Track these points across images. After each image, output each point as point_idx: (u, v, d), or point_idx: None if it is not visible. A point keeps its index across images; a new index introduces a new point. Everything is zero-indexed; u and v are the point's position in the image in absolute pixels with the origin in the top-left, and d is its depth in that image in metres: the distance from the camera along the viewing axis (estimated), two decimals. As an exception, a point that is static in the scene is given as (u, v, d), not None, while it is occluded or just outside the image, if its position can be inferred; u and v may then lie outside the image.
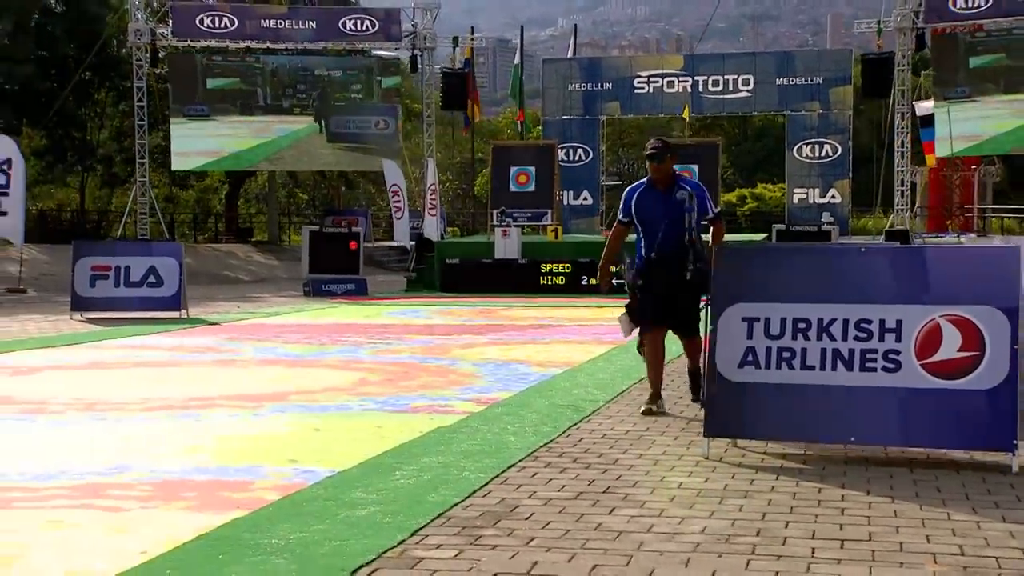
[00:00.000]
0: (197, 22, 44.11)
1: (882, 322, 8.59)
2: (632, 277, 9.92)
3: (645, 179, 10.02)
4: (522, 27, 56.92)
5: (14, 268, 33.32)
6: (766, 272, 9.87)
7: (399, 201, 40.68)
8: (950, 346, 8.33)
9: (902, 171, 40.21)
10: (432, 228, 37.40)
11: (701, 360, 9.75)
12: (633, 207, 9.72)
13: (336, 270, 32.12)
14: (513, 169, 34.85)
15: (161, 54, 43.46)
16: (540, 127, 49.41)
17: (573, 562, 6.32)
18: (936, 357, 8.35)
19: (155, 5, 45.67)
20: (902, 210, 39.71)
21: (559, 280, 30.85)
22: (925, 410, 8.54)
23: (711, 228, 10.32)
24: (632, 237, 12.40)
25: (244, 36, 43.93)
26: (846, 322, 8.76)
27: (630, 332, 10.88)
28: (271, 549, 6.77)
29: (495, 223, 33.30)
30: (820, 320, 8.94)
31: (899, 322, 8.53)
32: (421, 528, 7.07)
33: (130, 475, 9.02)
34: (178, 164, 46.34)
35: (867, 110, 43.77)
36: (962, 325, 8.32)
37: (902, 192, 40.25)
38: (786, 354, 9.10)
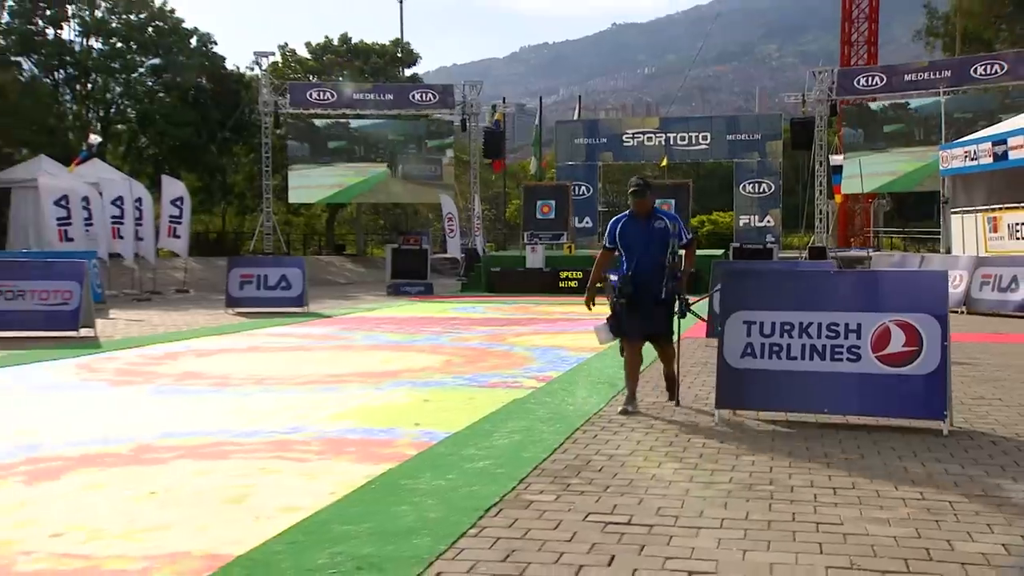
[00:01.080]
0: (307, 95, 44.40)
1: (846, 325, 8.69)
2: (615, 295, 9.15)
3: (627, 211, 9.23)
4: (540, 99, 56.80)
5: (180, 275, 33.38)
6: (761, 289, 9.97)
7: (452, 225, 40.80)
8: (897, 343, 8.44)
9: (820, 203, 40.03)
10: (478, 245, 37.62)
11: (674, 366, 9.61)
12: (617, 235, 9.04)
13: (410, 276, 32.02)
14: (539, 202, 34.80)
15: (280, 119, 43.45)
16: (553, 170, 49.22)
17: (642, 505, 6.38)
18: (887, 351, 8.47)
19: (276, 83, 45.63)
20: (820, 232, 39.52)
21: (573, 284, 30.69)
22: (879, 389, 8.65)
23: (684, 252, 9.44)
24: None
25: (341, 105, 44.11)
26: (820, 325, 8.86)
27: (607, 341, 10.14)
28: (421, 493, 6.87)
29: (526, 242, 33.55)
30: (800, 323, 9.03)
31: (859, 325, 8.66)
32: (524, 478, 7.13)
33: (304, 434, 9.07)
34: (293, 198, 46.58)
35: (793, 157, 43.64)
36: (906, 327, 8.41)
37: (819, 219, 40.05)
38: (775, 348, 9.16)
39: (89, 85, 52.58)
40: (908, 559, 5.12)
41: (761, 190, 42.64)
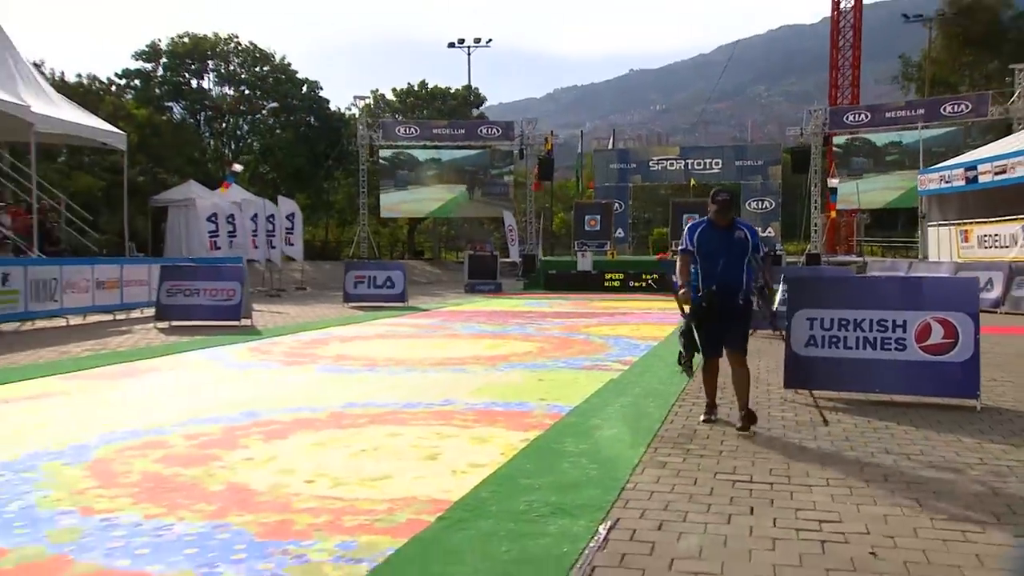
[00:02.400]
0: (395, 131, 44.76)
1: (894, 321, 8.62)
2: (690, 312, 7.42)
3: (705, 219, 7.48)
4: (582, 132, 56.92)
5: (297, 275, 33.88)
6: (821, 291, 9.80)
7: (513, 235, 41.03)
8: (937, 336, 8.39)
9: (815, 217, 39.67)
10: (536, 251, 37.66)
11: (749, 392, 7.50)
12: (696, 241, 7.28)
13: (483, 276, 32.05)
14: (587, 216, 34.75)
15: (374, 150, 43.83)
16: (591, 190, 49.13)
17: (755, 466, 6.34)
18: (928, 342, 8.41)
19: (370, 121, 45.99)
20: (815, 241, 39.15)
21: (616, 283, 30.72)
22: (923, 373, 8.58)
23: (761, 266, 7.81)
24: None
25: (423, 139, 44.35)
26: (871, 321, 8.80)
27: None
28: (573, 455, 6.84)
29: (576, 249, 33.41)
30: (855, 319, 8.97)
31: (905, 321, 8.58)
32: (650, 443, 7.11)
33: (456, 406, 8.95)
34: (384, 214, 47.02)
35: (788, 178, 43.32)
36: (944, 323, 8.37)
37: (814, 230, 39.72)
38: (834, 339, 9.10)
39: (223, 124, 53.47)
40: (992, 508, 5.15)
41: (764, 207, 42.27)
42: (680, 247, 7.55)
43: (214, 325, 16.87)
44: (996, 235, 25.25)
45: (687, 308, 7.47)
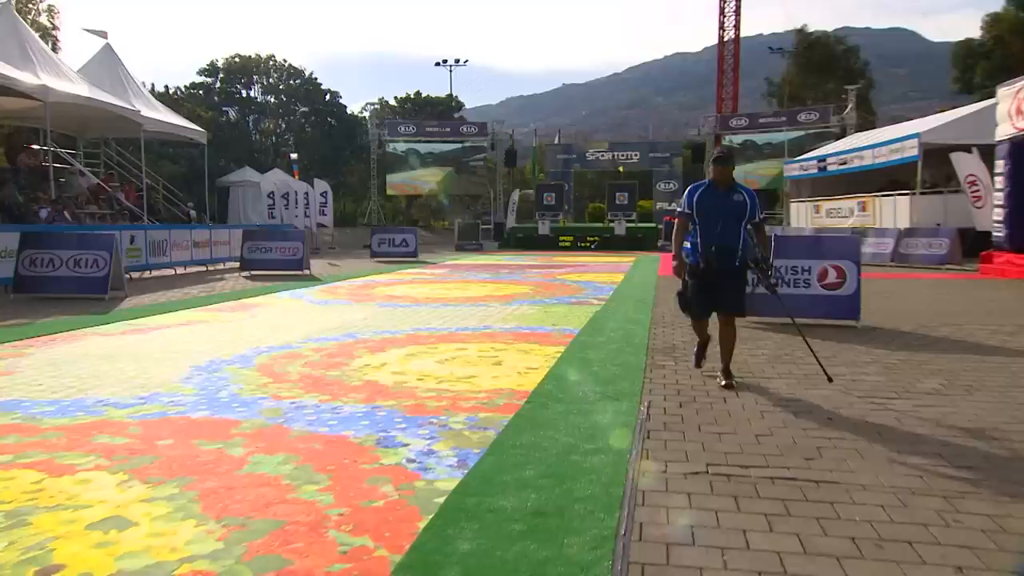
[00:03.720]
0: (398, 129, 43.88)
1: (802, 267, 8.68)
2: (688, 271, 5.85)
3: (705, 180, 5.97)
4: (535, 130, 56.23)
5: (328, 238, 33.23)
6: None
7: (487, 208, 40.94)
8: (832, 277, 8.57)
9: None
10: (509, 220, 37.44)
11: (732, 352, 5.86)
12: (695, 202, 5.78)
13: (468, 238, 32.12)
14: (545, 194, 34.21)
15: (381, 143, 43.28)
16: (543, 174, 48.89)
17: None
18: (826, 281, 8.59)
19: (377, 121, 45.44)
20: None
21: (568, 244, 30.84)
22: (822, 303, 8.64)
23: (756, 230, 5.91)
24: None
25: (418, 135, 43.49)
26: (788, 266, 8.76)
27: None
28: (595, 361, 6.82)
29: (538, 218, 33.21)
30: (778, 266, 8.44)
31: (810, 267, 8.68)
32: (646, 353, 7.14)
33: (495, 330, 8.77)
34: (389, 192, 45.77)
35: (692, 167, 43.51)
36: (837, 268, 8.54)
37: None
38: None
39: (267, 124, 52.38)
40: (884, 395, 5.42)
41: (670, 187, 41.86)
42: (678, 209, 5.80)
43: (284, 274, 16.75)
44: (839, 208, 25.94)
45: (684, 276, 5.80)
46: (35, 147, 17.64)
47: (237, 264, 18.16)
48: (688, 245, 5.81)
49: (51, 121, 15.27)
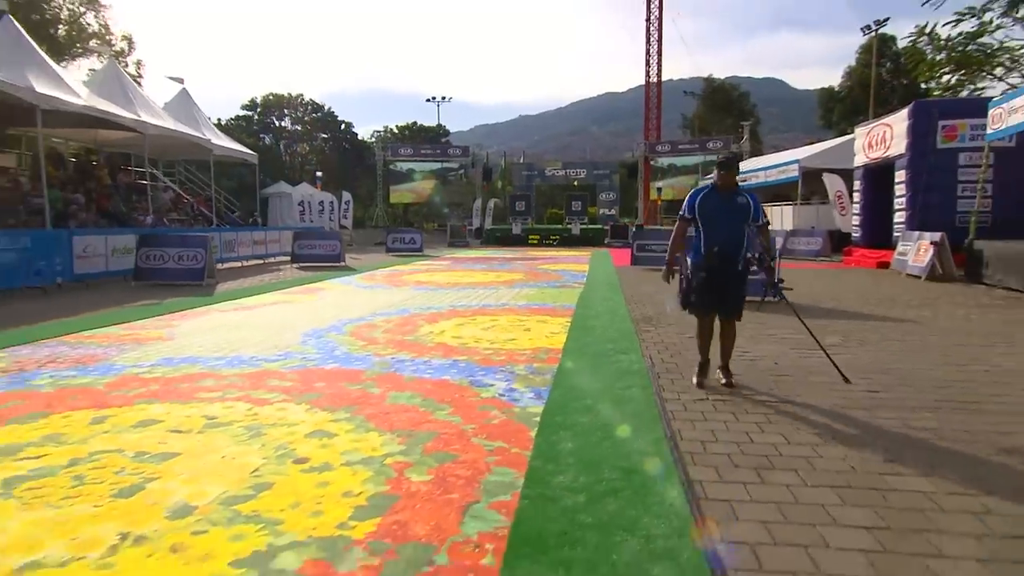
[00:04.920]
0: (399, 151, 43.41)
1: None
2: (692, 269, 4.66)
3: (708, 184, 4.68)
4: (505, 153, 56.36)
5: (347, 237, 32.34)
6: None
7: (468, 213, 40.96)
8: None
9: (638, 204, 40.43)
10: (486, 224, 37.29)
11: (732, 347, 4.70)
12: (697, 206, 4.59)
13: (456, 237, 31.98)
14: (516, 201, 34.24)
15: (385, 163, 42.85)
16: (511, 186, 48.71)
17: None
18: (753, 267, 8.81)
19: (383, 145, 45.27)
20: (639, 219, 39.69)
21: (535, 241, 30.36)
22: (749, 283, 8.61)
23: (760, 232, 4.59)
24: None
25: (415, 155, 43.22)
26: None
27: (674, 311, 6.17)
28: (597, 328, 6.72)
29: (511, 220, 33.10)
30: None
31: None
32: (632, 321, 7.01)
33: (513, 307, 8.53)
34: (392, 200, 45.14)
35: (627, 183, 44.04)
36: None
37: (637, 213, 40.51)
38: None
39: (295, 148, 51.57)
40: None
41: (610, 198, 42.05)
42: (679, 213, 4.71)
43: (326, 265, 16.42)
44: None
45: (669, 280, 4.75)
46: (129, 168, 17.51)
47: (287, 258, 18.01)
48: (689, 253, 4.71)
49: (139, 147, 15.25)
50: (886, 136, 15.02)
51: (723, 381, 4.56)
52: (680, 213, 4.63)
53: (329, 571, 2.23)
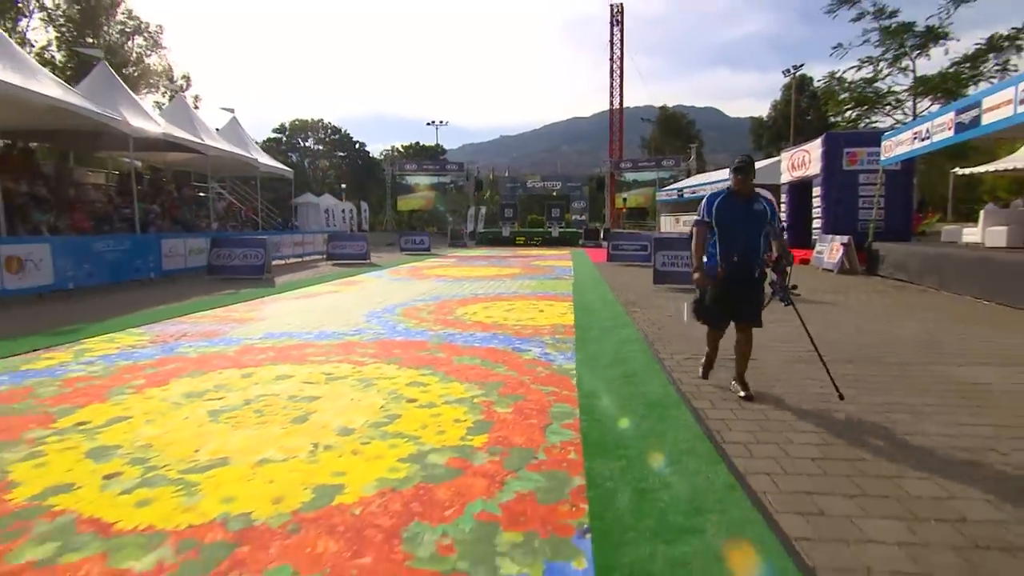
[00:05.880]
0: (405, 166, 42.96)
1: (686, 254, 9.13)
2: (709, 276, 3.71)
3: (725, 188, 3.76)
4: (493, 169, 56.48)
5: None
6: (666, 244, 9.14)
7: (464, 219, 41.03)
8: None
9: (606, 211, 40.80)
10: (478, 228, 37.41)
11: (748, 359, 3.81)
12: (714, 211, 3.71)
13: (456, 239, 32.15)
14: (505, 208, 34.71)
15: (394, 177, 42.45)
16: (497, 196, 48.70)
17: (683, 305, 6.56)
18: None
19: (391, 160, 44.87)
20: (607, 224, 39.80)
21: (522, 241, 30.22)
22: None
23: (777, 240, 3.65)
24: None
25: (419, 171, 42.77)
26: (683, 255, 8.41)
27: (690, 322, 4.46)
28: (595, 309, 6.74)
29: (501, 224, 33.41)
30: (679, 254, 8.62)
31: (689, 254, 9.29)
32: (620, 304, 7.16)
33: (522, 294, 8.37)
34: (399, 207, 44.69)
35: (596, 195, 44.12)
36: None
37: (605, 218, 40.75)
38: (671, 261, 8.96)
39: (317, 164, 51.12)
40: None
41: (582, 207, 41.88)
42: (696, 218, 3.80)
43: (355, 262, 16.04)
44: (691, 220, 27.45)
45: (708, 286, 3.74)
46: (191, 183, 17.64)
47: (320, 256, 17.95)
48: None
49: (200, 166, 15.45)
50: (805, 159, 15.78)
51: (741, 394, 3.63)
52: (697, 218, 3.74)
53: (468, 464, 2.75)
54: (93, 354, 4.98)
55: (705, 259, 3.71)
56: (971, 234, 10.10)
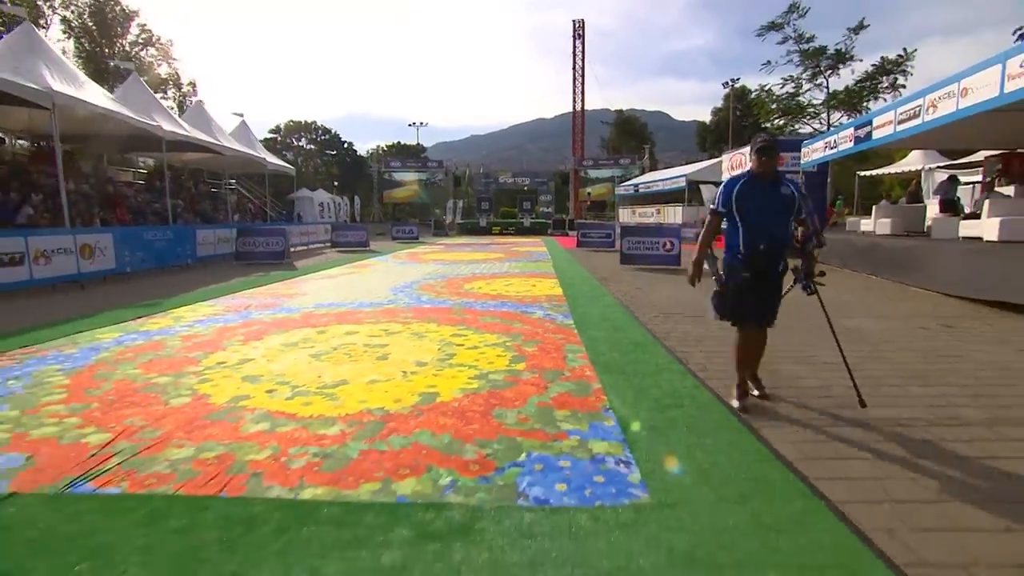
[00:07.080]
0: (390, 163, 42.67)
1: (653, 240, 8.90)
2: (727, 270, 2.86)
3: (747, 171, 2.80)
4: (468, 166, 56.37)
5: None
6: (632, 232, 9.36)
7: (447, 212, 41.23)
8: (668, 245, 8.90)
9: (569, 205, 41.18)
10: (457, 219, 37.71)
11: (759, 362, 3.15)
12: (734, 197, 2.75)
13: (439, 228, 32.31)
14: (482, 201, 34.91)
15: (380, 173, 42.17)
16: (471, 190, 48.56)
17: (655, 275, 6.94)
18: (664, 248, 8.91)
19: (377, 158, 44.86)
20: (572, 215, 39.79)
21: (498, 231, 30.56)
22: (663, 257, 8.53)
23: (801, 224, 2.80)
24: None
25: (403, 167, 42.58)
26: (647, 240, 8.82)
27: (714, 320, 3.00)
28: (577, 285, 7.00)
29: (478, 216, 33.47)
30: (642, 239, 8.96)
31: (657, 240, 8.98)
32: (598, 280, 7.62)
33: (515, 274, 8.40)
34: (385, 201, 44.14)
35: (560, 188, 44.59)
36: (670, 240, 9.09)
37: (570, 210, 40.94)
38: (636, 246, 9.23)
39: (310, 162, 50.08)
40: None
41: (548, 200, 41.79)
42: (711, 206, 2.96)
43: (356, 249, 15.89)
44: (645, 212, 27.90)
45: (696, 284, 3.00)
46: (206, 180, 17.60)
47: (322, 245, 17.92)
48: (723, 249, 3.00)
49: (213, 164, 15.54)
50: (743, 161, 16.93)
51: (755, 392, 3.12)
52: (712, 207, 2.97)
53: (518, 379, 3.47)
54: (185, 321, 5.38)
55: (725, 255, 2.93)
56: (866, 225, 11.22)
